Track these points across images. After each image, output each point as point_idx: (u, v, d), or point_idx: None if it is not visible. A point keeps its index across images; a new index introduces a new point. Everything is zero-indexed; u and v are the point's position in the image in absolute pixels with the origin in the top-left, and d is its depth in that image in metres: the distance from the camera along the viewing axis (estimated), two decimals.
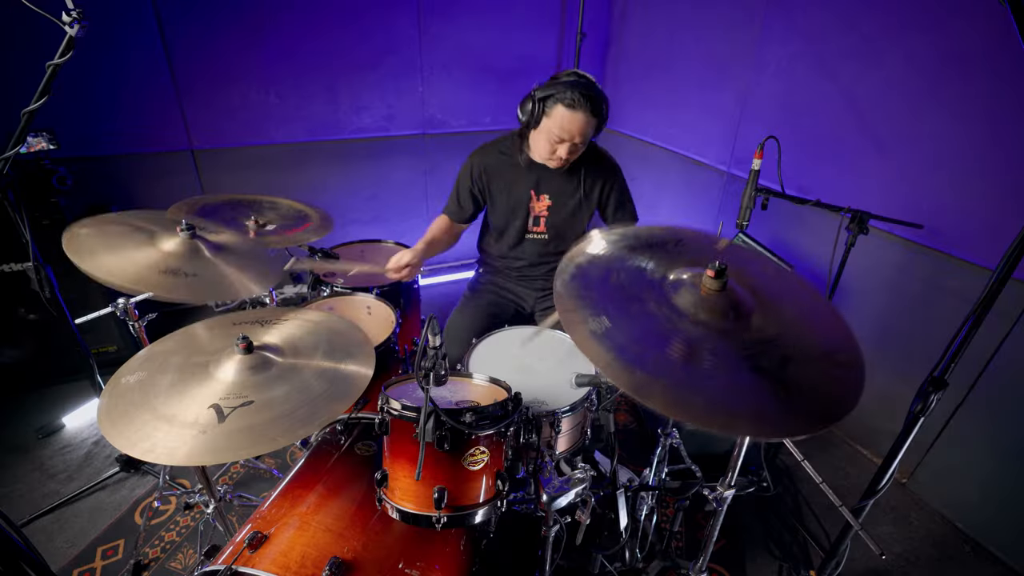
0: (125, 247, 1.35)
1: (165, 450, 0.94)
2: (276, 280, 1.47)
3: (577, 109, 1.57)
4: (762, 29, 2.37)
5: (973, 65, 1.71)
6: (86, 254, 1.27)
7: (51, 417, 2.29)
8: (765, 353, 0.89)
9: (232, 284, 1.39)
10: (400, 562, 1.10)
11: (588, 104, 1.57)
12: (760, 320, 0.94)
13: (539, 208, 1.85)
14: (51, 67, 1.33)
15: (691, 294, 0.94)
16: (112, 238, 1.37)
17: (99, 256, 1.28)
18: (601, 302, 0.94)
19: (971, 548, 1.90)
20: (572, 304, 0.93)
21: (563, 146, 1.64)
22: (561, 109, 1.58)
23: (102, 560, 1.74)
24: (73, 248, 1.27)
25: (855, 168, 2.12)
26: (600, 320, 0.89)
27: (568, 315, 0.92)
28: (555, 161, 1.69)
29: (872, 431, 2.27)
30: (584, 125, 1.60)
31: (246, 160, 2.90)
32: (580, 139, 1.63)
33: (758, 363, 0.87)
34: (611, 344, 0.86)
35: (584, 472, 1.19)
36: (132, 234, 1.40)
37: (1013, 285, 1.06)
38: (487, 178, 1.84)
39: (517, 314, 2.00)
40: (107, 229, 1.40)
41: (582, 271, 1.02)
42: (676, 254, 1.07)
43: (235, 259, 1.46)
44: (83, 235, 1.34)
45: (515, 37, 3.13)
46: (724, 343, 0.89)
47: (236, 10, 2.58)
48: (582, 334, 0.88)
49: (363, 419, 1.38)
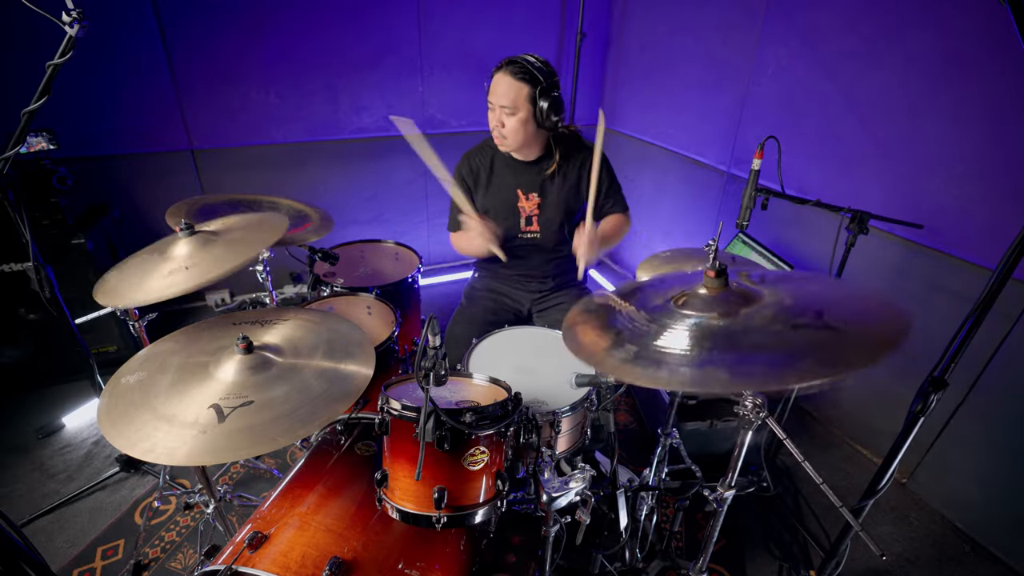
0: (143, 274, 1.37)
1: (165, 450, 0.94)
2: (281, 231, 1.47)
3: (499, 72, 1.65)
4: (762, 29, 2.37)
5: (973, 65, 1.71)
6: (112, 295, 1.32)
7: (51, 417, 2.29)
8: (795, 316, 0.89)
9: (238, 248, 1.40)
10: (400, 562, 1.10)
11: (510, 66, 1.63)
12: (774, 297, 0.95)
13: (529, 208, 1.85)
14: (51, 67, 1.33)
15: (700, 299, 0.95)
16: (130, 271, 1.40)
17: (121, 291, 1.33)
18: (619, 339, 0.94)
19: (971, 548, 1.90)
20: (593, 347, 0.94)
21: (493, 113, 1.69)
22: (494, 77, 1.67)
23: (102, 560, 1.75)
24: (102, 292, 1.34)
25: (855, 168, 2.13)
26: (626, 349, 0.90)
27: (591, 355, 0.92)
28: (498, 139, 1.73)
29: (872, 431, 2.27)
30: (507, 88, 1.63)
31: (246, 160, 2.91)
32: (506, 103, 1.64)
33: (796, 323, 0.87)
34: (649, 362, 0.87)
35: (584, 472, 1.19)
36: (146, 258, 1.42)
37: (1013, 285, 1.06)
38: (473, 181, 1.87)
39: (515, 318, 2.00)
40: (125, 266, 1.44)
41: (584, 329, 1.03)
42: (662, 291, 1.09)
43: (238, 230, 1.48)
44: (109, 280, 1.39)
45: (515, 37, 3.13)
46: (754, 322, 0.90)
47: (236, 10, 2.58)
48: (614, 365, 0.88)
49: (363, 419, 1.38)
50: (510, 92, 1.63)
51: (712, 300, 0.95)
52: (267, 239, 1.43)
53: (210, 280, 1.28)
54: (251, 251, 1.39)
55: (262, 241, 1.43)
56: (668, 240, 3.31)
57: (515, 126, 1.67)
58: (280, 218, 1.54)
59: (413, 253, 2.19)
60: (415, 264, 2.10)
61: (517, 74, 1.62)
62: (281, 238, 1.46)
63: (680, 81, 2.94)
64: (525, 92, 1.62)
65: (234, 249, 1.39)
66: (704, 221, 2.95)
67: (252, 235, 1.45)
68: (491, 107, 1.69)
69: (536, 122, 1.68)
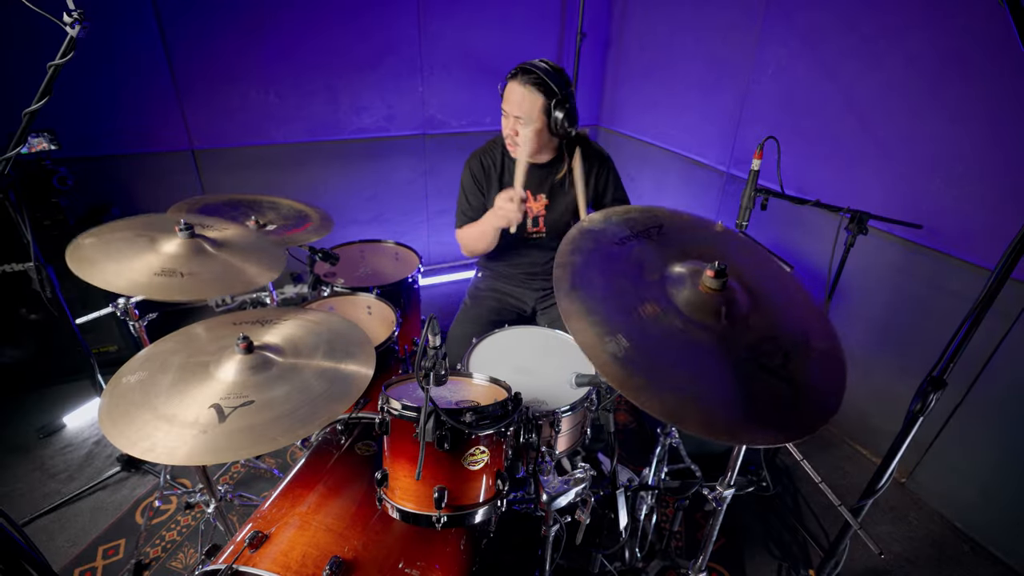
0: (126, 254, 1.34)
1: (166, 450, 0.94)
2: (279, 270, 1.47)
3: (514, 81, 1.64)
4: (762, 29, 2.37)
5: (972, 66, 1.71)
6: (86, 264, 1.27)
7: (52, 417, 2.29)
8: (765, 353, 0.90)
9: (234, 277, 1.38)
10: (400, 562, 1.10)
11: (526, 76, 1.62)
12: (756, 320, 0.95)
13: (536, 208, 1.86)
14: (52, 68, 1.34)
15: (690, 292, 0.95)
16: (114, 246, 1.36)
17: (100, 265, 1.28)
18: (611, 316, 0.92)
19: (970, 547, 1.90)
20: (584, 323, 0.91)
21: (507, 120, 1.69)
22: (508, 85, 1.66)
23: (103, 559, 1.75)
24: (75, 258, 1.28)
25: (854, 168, 2.13)
26: (617, 340, 0.88)
27: (583, 336, 0.90)
28: (511, 146, 1.73)
29: (871, 431, 2.27)
30: (521, 99, 1.63)
31: (246, 160, 2.91)
32: (520, 113, 1.64)
33: (763, 362, 0.89)
34: (634, 368, 0.86)
35: (584, 472, 1.19)
36: (134, 240, 1.40)
37: (1012, 285, 1.07)
38: (485, 178, 1.87)
39: (518, 317, 2.00)
40: (110, 237, 1.39)
41: (579, 270, 1.01)
42: (662, 244, 1.08)
43: (237, 253, 1.46)
44: (86, 245, 1.34)
45: (515, 37, 3.13)
46: (731, 347, 0.90)
47: (236, 10, 2.58)
48: (603, 359, 0.87)
49: (363, 419, 1.38)
50: (524, 103, 1.62)
51: (702, 298, 0.95)
52: (264, 276, 1.41)
53: (202, 299, 1.28)
54: (245, 286, 1.38)
55: (258, 277, 1.40)
56: None
57: (529, 136, 1.66)
58: (278, 252, 1.53)
59: (413, 253, 2.19)
60: (415, 264, 2.10)
61: (532, 84, 1.61)
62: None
63: (680, 81, 2.94)
64: (540, 104, 1.62)
65: (228, 278, 1.37)
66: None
67: (251, 267, 1.43)
68: (505, 114, 1.69)
69: (550, 131, 1.69)
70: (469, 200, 1.89)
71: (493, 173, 1.87)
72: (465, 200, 1.90)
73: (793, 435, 0.83)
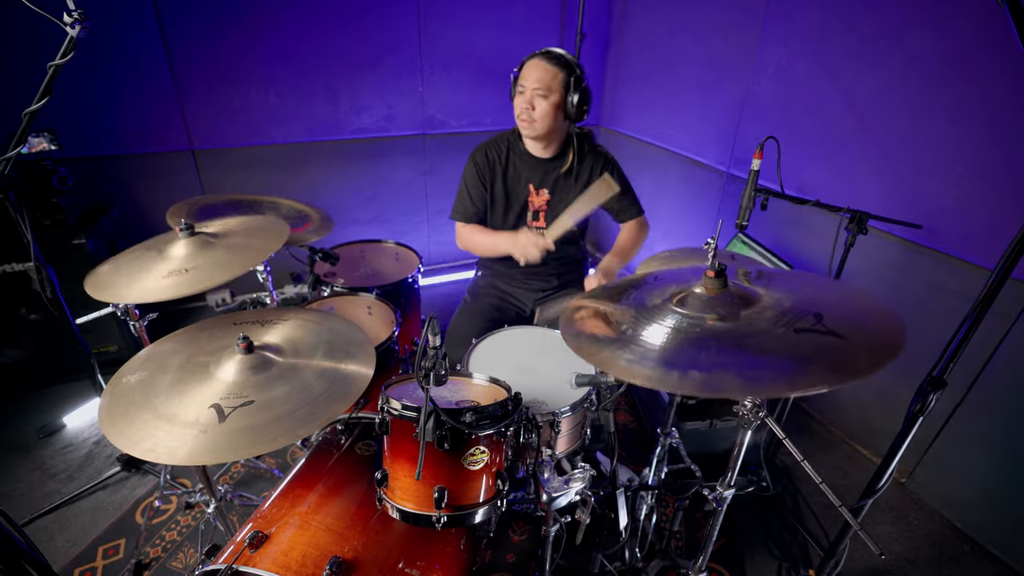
0: (137, 269, 1.38)
1: (166, 450, 0.94)
2: (282, 240, 1.48)
3: (534, 57, 1.71)
4: (762, 29, 2.37)
5: (972, 66, 1.71)
6: (103, 288, 1.34)
7: (52, 417, 2.29)
8: (796, 319, 0.91)
9: (238, 256, 1.40)
10: (400, 562, 1.10)
11: (546, 54, 1.69)
12: (771, 299, 0.95)
13: (538, 202, 1.87)
14: (52, 68, 1.34)
15: (699, 300, 0.96)
16: (125, 267, 1.41)
17: (115, 287, 1.35)
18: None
19: (970, 547, 1.90)
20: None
21: (523, 97, 1.72)
22: (528, 62, 1.72)
23: (103, 559, 1.75)
24: (93, 285, 1.35)
25: (854, 168, 2.13)
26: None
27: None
28: (525, 122, 1.74)
29: (871, 430, 2.27)
30: (542, 72, 1.68)
31: (246, 160, 2.91)
32: (540, 85, 1.68)
33: (798, 326, 0.89)
34: (656, 363, 0.87)
35: (584, 472, 1.19)
36: (143, 255, 1.43)
37: (1012, 285, 1.06)
38: (489, 172, 1.88)
39: (517, 317, 2.00)
40: (122, 260, 1.45)
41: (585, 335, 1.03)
42: (659, 289, 1.10)
43: (239, 235, 1.48)
44: (103, 273, 1.40)
45: (515, 37, 3.13)
46: (757, 325, 0.91)
47: (236, 10, 2.58)
48: (620, 366, 0.88)
49: (363, 419, 1.38)
50: (545, 76, 1.68)
51: (712, 301, 0.95)
52: (269, 247, 1.44)
53: (210, 287, 1.29)
54: (253, 260, 1.40)
55: (264, 249, 1.43)
56: (668, 240, 3.31)
57: (546, 109, 1.70)
58: (280, 224, 1.54)
59: (413, 253, 2.19)
60: (415, 264, 2.10)
61: (553, 60, 1.68)
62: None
63: (680, 81, 2.94)
64: (560, 77, 1.69)
65: (235, 256, 1.39)
66: (704, 221, 2.95)
67: (253, 242, 1.45)
68: (521, 91, 1.72)
69: (564, 111, 1.73)
70: (471, 193, 1.90)
71: (498, 167, 1.87)
72: (467, 193, 1.91)
73: (864, 370, 0.81)
